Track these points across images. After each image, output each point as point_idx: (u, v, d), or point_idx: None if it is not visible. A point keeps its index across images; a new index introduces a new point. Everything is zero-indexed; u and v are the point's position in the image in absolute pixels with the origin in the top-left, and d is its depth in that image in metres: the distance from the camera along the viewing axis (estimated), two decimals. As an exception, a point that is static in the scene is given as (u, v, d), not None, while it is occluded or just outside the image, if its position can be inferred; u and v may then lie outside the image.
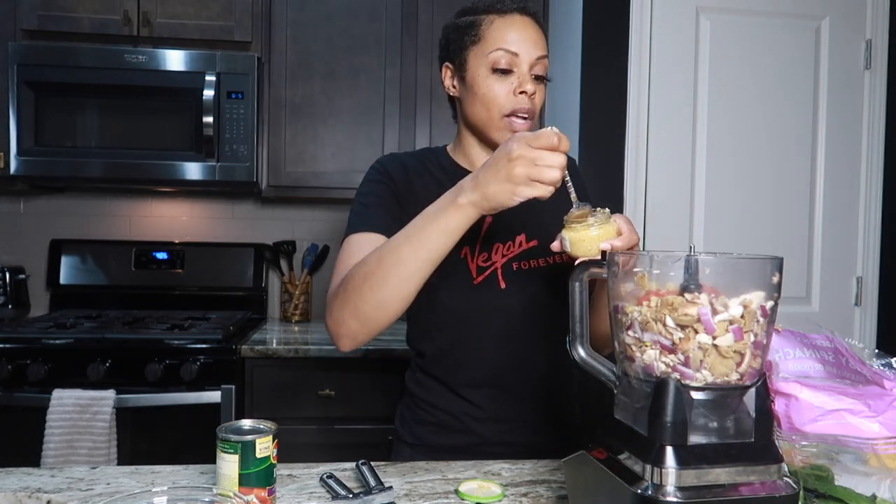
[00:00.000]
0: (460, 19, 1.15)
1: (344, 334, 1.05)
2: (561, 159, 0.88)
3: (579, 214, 0.92)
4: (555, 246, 0.95)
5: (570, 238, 0.91)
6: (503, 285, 1.15)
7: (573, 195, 0.95)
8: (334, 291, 1.07)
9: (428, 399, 1.21)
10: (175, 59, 2.21)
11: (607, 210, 0.94)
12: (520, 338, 1.18)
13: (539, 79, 1.12)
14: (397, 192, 1.17)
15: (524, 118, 1.11)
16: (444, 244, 0.96)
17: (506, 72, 1.10)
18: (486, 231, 1.17)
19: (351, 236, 1.14)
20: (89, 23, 2.24)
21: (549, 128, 0.89)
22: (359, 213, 1.15)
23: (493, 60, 1.09)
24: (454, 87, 1.18)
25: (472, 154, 1.22)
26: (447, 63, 1.18)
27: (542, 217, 1.19)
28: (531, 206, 1.17)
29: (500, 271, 1.16)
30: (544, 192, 0.89)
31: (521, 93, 1.10)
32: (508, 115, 1.11)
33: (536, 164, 0.88)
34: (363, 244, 1.10)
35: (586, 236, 0.90)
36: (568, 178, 0.92)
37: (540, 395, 1.21)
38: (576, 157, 2.13)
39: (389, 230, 1.09)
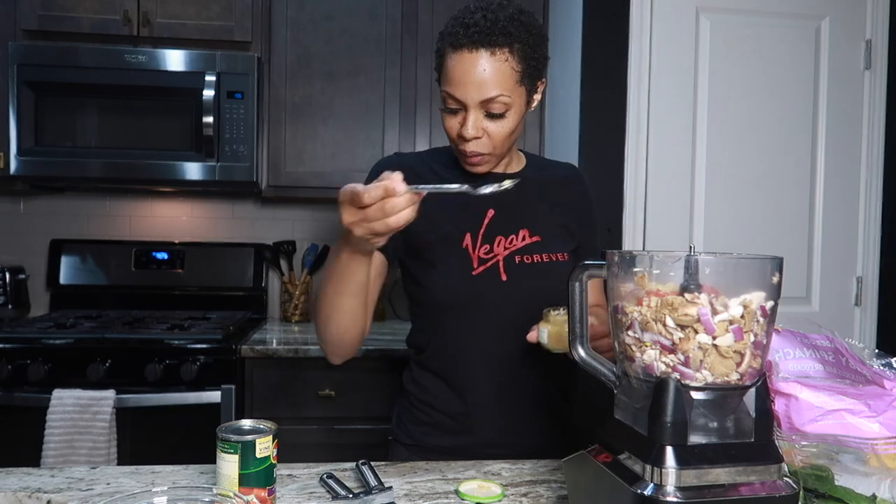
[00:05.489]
0: (438, 40, 1.11)
1: (329, 353, 1.17)
2: (379, 209, 0.86)
3: (557, 313, 1.01)
4: (531, 336, 1.02)
5: (550, 332, 0.99)
6: (504, 277, 1.15)
7: (452, 187, 0.94)
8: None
9: (425, 399, 1.22)
10: (175, 59, 2.21)
11: None
12: (519, 334, 1.16)
13: (496, 115, 1.07)
14: None
15: (469, 159, 1.10)
16: (360, 279, 1.03)
17: (453, 111, 1.08)
18: (489, 224, 1.17)
19: None
20: (89, 23, 2.24)
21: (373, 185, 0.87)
22: None
23: (443, 98, 1.09)
24: None
25: None
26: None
27: (547, 214, 1.22)
28: (535, 204, 1.19)
29: (501, 263, 1.16)
30: (387, 235, 0.90)
31: (460, 135, 1.08)
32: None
33: (367, 222, 0.88)
34: None
35: (564, 332, 0.96)
36: (435, 188, 0.92)
37: (540, 395, 1.21)
38: (575, 157, 2.13)
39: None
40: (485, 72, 1.03)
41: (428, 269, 1.17)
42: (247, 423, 0.88)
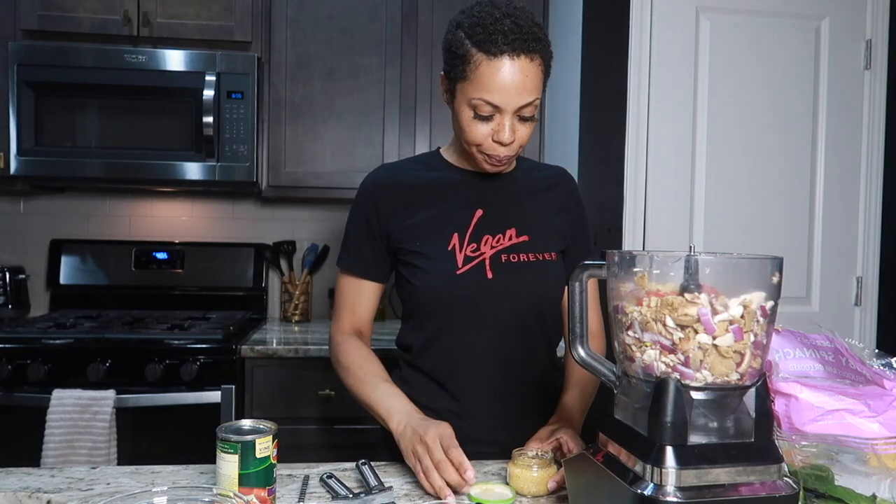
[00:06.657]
0: (454, 44, 1.08)
1: None
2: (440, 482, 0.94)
3: (526, 456, 1.00)
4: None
5: (513, 473, 0.98)
6: (490, 275, 1.16)
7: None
8: (335, 349, 1.25)
9: (412, 396, 1.22)
10: (175, 59, 2.21)
11: (549, 454, 1.01)
12: (505, 331, 1.18)
13: (526, 118, 1.09)
14: (378, 217, 1.21)
15: (496, 161, 1.12)
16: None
17: (486, 118, 1.08)
18: (477, 224, 1.19)
19: (339, 271, 1.28)
20: (89, 23, 2.24)
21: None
22: (344, 245, 1.27)
23: (474, 105, 1.07)
24: (446, 97, 1.17)
25: (466, 155, 1.21)
26: (443, 73, 1.15)
27: (536, 214, 1.23)
28: (524, 204, 1.20)
29: (488, 262, 1.17)
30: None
31: (496, 141, 1.09)
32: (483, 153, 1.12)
33: (427, 471, 0.96)
34: (344, 287, 1.27)
35: (528, 476, 0.97)
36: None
37: (530, 392, 1.21)
38: (575, 158, 2.13)
39: (361, 269, 1.24)
40: (527, 78, 1.05)
41: (415, 271, 1.19)
42: (247, 423, 0.88)
